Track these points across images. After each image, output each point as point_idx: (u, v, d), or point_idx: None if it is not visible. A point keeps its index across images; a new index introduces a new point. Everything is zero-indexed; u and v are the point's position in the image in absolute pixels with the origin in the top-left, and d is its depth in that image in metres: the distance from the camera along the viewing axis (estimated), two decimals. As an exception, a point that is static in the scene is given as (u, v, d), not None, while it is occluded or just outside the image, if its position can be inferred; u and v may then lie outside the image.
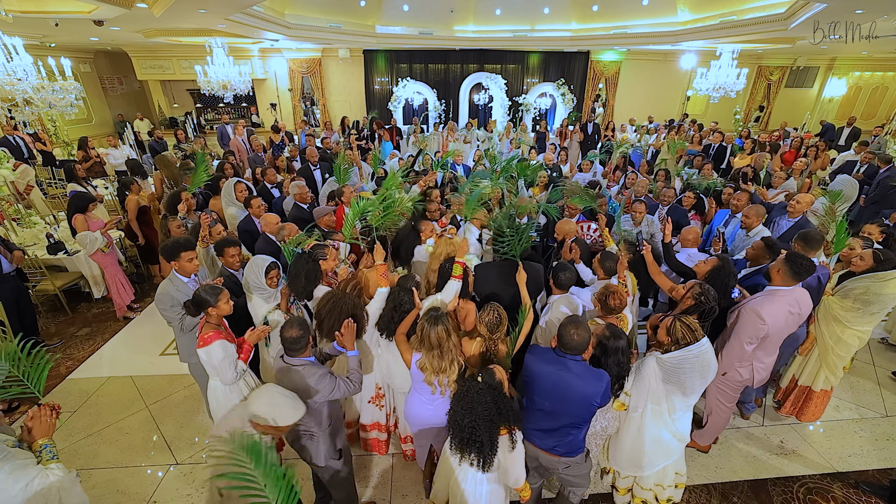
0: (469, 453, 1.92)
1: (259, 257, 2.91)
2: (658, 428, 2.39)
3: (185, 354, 3.01)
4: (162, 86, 12.78)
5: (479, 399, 1.88)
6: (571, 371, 2.10)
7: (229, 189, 4.80)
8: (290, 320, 2.15)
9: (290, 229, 3.48)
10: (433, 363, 2.25)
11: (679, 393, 2.29)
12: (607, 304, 2.60)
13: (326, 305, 2.47)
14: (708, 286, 2.58)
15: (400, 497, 2.92)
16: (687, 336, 2.24)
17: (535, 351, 2.29)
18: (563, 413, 2.16)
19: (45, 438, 1.80)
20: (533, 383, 2.20)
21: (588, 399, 2.09)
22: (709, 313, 2.54)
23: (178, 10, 6.12)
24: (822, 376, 3.30)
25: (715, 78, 8.41)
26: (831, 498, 2.94)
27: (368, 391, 2.88)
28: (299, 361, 2.15)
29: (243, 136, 8.40)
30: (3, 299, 3.80)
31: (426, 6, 10.10)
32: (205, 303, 2.42)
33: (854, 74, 13.11)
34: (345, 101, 13.16)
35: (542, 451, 2.30)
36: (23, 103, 4.88)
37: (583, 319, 2.19)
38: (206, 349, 2.38)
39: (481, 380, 1.94)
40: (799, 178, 5.88)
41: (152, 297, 5.39)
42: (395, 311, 2.57)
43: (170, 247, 2.86)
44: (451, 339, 2.26)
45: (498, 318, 2.41)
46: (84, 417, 3.56)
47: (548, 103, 12.93)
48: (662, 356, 2.27)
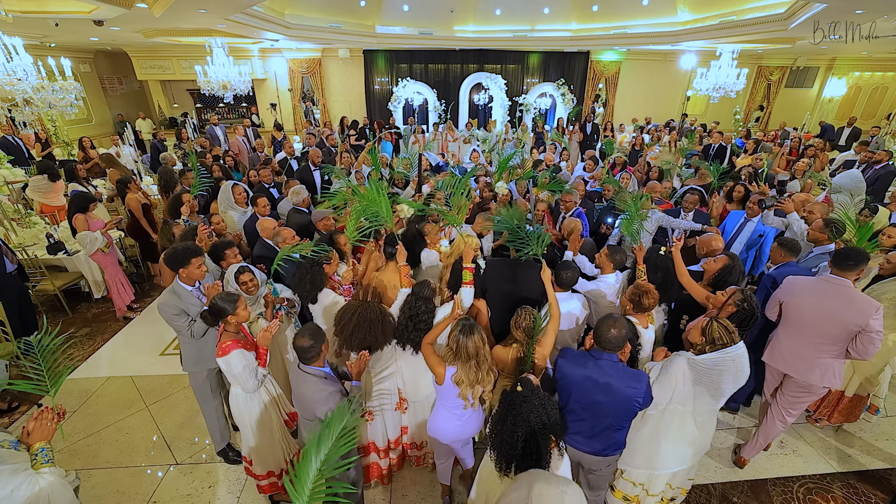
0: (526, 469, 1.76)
1: (231, 267, 2.90)
2: (679, 430, 2.33)
3: (190, 363, 2.89)
4: (162, 86, 12.79)
5: (529, 407, 1.80)
6: (610, 373, 2.07)
7: (227, 192, 4.72)
8: (303, 328, 2.10)
9: (286, 235, 3.40)
10: (470, 375, 2.17)
11: (708, 396, 2.23)
12: (641, 303, 2.58)
13: (353, 319, 2.41)
14: (750, 293, 2.52)
15: (400, 497, 2.92)
16: (724, 337, 2.14)
17: (567, 355, 2.23)
18: (604, 416, 2.14)
19: (43, 442, 1.78)
20: (569, 388, 2.15)
21: (630, 400, 2.08)
22: (751, 320, 2.45)
23: (178, 10, 6.12)
24: (856, 381, 3.22)
25: (715, 78, 8.41)
26: (831, 498, 2.93)
27: (392, 398, 2.77)
28: (313, 371, 2.13)
29: (244, 136, 8.41)
30: (7, 299, 3.80)
31: (426, 6, 10.10)
32: (223, 311, 2.36)
33: (854, 74, 13.12)
34: (345, 102, 13.17)
35: (585, 454, 2.26)
36: (23, 103, 4.88)
37: (617, 316, 2.15)
38: (225, 359, 2.33)
39: (521, 389, 1.87)
40: (801, 178, 5.88)
41: (152, 297, 5.40)
42: (410, 321, 2.47)
43: (179, 254, 2.71)
44: (486, 347, 2.19)
45: (535, 322, 2.35)
46: (84, 417, 3.56)
47: (548, 103, 12.93)
48: (696, 357, 2.18)
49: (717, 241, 3.35)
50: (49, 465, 1.75)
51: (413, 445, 2.96)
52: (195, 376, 2.91)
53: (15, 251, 4.43)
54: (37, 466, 1.72)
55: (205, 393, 2.96)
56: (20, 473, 1.66)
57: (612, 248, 3.07)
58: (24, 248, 4.81)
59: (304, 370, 2.14)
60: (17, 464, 1.71)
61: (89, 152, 7.37)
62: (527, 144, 8.97)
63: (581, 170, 6.68)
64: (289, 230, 3.47)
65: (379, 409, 2.69)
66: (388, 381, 2.68)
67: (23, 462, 1.74)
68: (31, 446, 1.78)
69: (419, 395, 2.68)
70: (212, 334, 2.73)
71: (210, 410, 3.02)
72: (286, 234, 3.42)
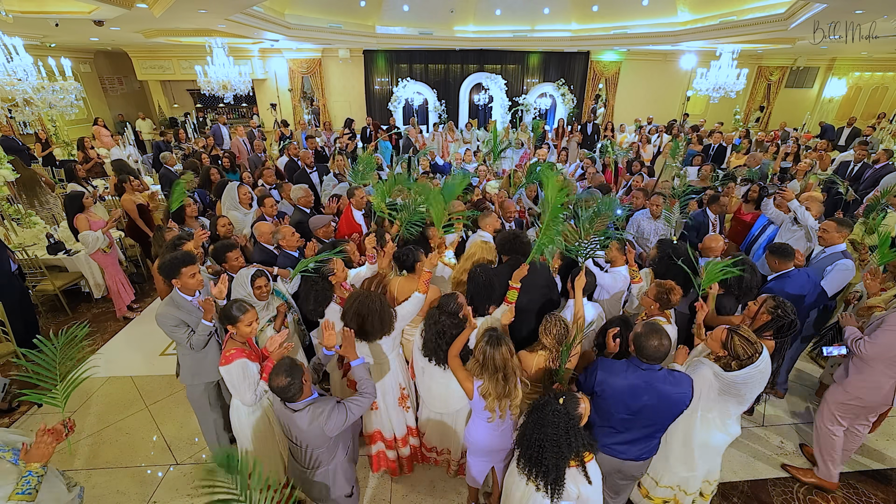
0: (535, 476, 1.82)
1: (244, 269, 2.81)
2: (706, 433, 2.32)
3: (187, 376, 2.79)
4: (162, 86, 12.79)
5: (553, 420, 1.79)
6: (661, 380, 2.04)
7: (231, 193, 4.73)
8: (276, 367, 1.93)
9: (285, 232, 3.35)
10: (497, 388, 2.12)
11: (735, 403, 2.21)
12: (669, 300, 2.59)
13: (353, 305, 2.38)
14: (782, 298, 2.44)
15: (400, 497, 2.92)
16: (747, 350, 2.07)
17: (607, 367, 2.15)
18: (650, 423, 2.12)
19: (37, 465, 1.73)
20: (612, 398, 2.10)
21: (676, 404, 2.07)
22: (789, 327, 2.37)
23: (178, 11, 6.12)
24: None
25: (715, 78, 8.42)
26: (831, 498, 2.93)
27: (393, 392, 2.74)
28: (301, 405, 1.96)
29: (244, 137, 8.41)
30: (9, 298, 3.79)
31: (426, 6, 10.10)
32: (231, 318, 2.29)
33: (854, 75, 13.11)
34: (345, 102, 13.17)
35: (626, 461, 2.24)
36: (23, 103, 4.88)
37: (659, 327, 2.07)
38: (226, 368, 2.26)
39: (562, 402, 1.84)
40: (803, 179, 5.88)
41: (152, 298, 5.40)
42: (440, 338, 2.39)
43: (167, 265, 2.58)
44: (514, 359, 2.15)
45: (565, 329, 2.31)
46: (84, 417, 3.56)
47: (548, 103, 12.93)
48: (724, 374, 2.13)
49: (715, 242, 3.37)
50: (24, 497, 1.65)
51: (433, 450, 2.90)
52: (193, 389, 2.82)
53: (14, 251, 4.43)
54: (11, 497, 1.64)
55: (202, 406, 2.89)
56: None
57: (622, 242, 3.11)
58: (24, 248, 4.81)
59: (293, 408, 1.95)
60: None
61: (89, 152, 7.39)
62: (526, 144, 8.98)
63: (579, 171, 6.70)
64: (288, 228, 3.41)
65: (381, 400, 2.67)
66: (388, 377, 2.65)
67: (9, 485, 1.69)
68: (25, 466, 1.72)
69: (448, 409, 2.62)
70: (211, 347, 2.67)
71: (208, 423, 2.95)
72: (285, 231, 3.36)
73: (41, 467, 1.75)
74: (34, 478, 1.70)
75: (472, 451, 2.47)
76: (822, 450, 2.93)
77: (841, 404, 2.79)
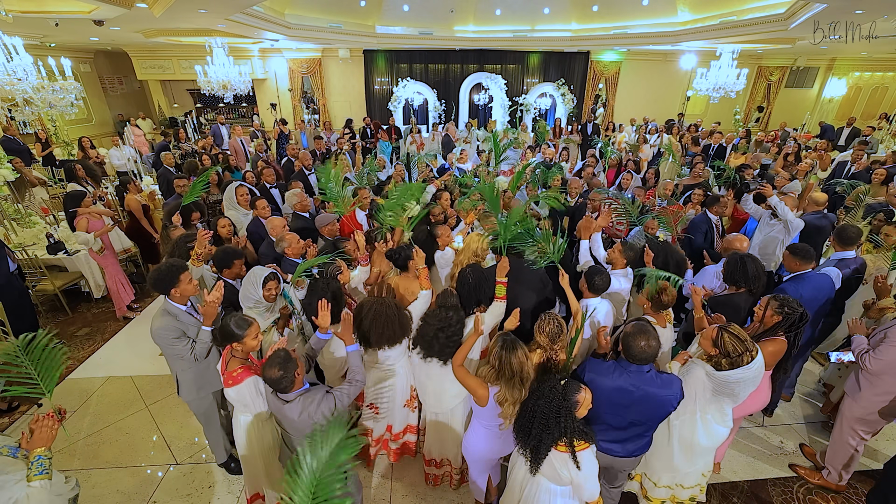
0: (522, 446, 1.96)
1: (258, 268, 2.76)
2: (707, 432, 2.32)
3: (191, 391, 2.66)
4: (162, 86, 12.78)
5: (548, 395, 1.85)
6: (649, 382, 2.04)
7: (230, 192, 4.73)
8: (271, 358, 1.96)
9: (290, 239, 3.33)
10: (514, 394, 2.08)
11: (730, 402, 2.22)
12: (661, 300, 2.59)
13: (369, 315, 2.40)
14: (783, 295, 2.43)
15: (400, 497, 2.92)
16: (738, 347, 2.06)
17: (595, 369, 2.15)
18: (638, 422, 2.14)
19: (43, 449, 1.74)
20: (601, 399, 2.09)
21: (664, 405, 2.07)
22: (801, 320, 2.35)
23: (178, 10, 6.12)
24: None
25: (715, 78, 8.41)
26: (831, 498, 2.94)
27: (403, 394, 2.76)
28: (293, 395, 1.99)
29: (242, 137, 8.39)
30: (9, 298, 3.79)
31: (426, 6, 10.10)
32: (232, 336, 2.20)
33: (854, 75, 13.11)
34: (345, 102, 13.15)
35: (618, 458, 2.26)
36: (23, 103, 4.88)
37: (648, 327, 2.08)
38: (236, 388, 2.18)
39: (563, 384, 1.87)
40: (803, 179, 5.88)
41: (152, 298, 5.39)
42: (441, 332, 2.37)
43: (164, 274, 2.44)
44: (529, 362, 2.13)
45: (559, 327, 2.31)
46: (84, 417, 3.56)
47: (548, 103, 12.92)
48: (716, 374, 2.13)
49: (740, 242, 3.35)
50: (43, 476, 1.68)
51: (432, 463, 2.86)
52: (199, 402, 2.72)
53: (14, 251, 4.43)
54: (30, 478, 1.67)
55: (211, 416, 2.81)
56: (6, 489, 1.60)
57: (627, 244, 3.09)
58: (24, 248, 4.81)
59: (284, 399, 1.98)
60: (9, 474, 1.66)
61: (89, 152, 7.38)
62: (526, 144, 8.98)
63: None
64: (293, 235, 3.39)
65: (387, 404, 2.68)
66: (400, 379, 2.66)
67: (19, 472, 1.69)
68: (31, 452, 1.73)
69: (442, 408, 2.61)
70: (212, 354, 2.59)
71: (216, 430, 2.89)
72: (290, 238, 3.35)
73: (47, 450, 1.76)
74: (45, 460, 1.73)
75: (473, 461, 2.46)
76: (837, 461, 2.91)
77: (860, 420, 2.75)
